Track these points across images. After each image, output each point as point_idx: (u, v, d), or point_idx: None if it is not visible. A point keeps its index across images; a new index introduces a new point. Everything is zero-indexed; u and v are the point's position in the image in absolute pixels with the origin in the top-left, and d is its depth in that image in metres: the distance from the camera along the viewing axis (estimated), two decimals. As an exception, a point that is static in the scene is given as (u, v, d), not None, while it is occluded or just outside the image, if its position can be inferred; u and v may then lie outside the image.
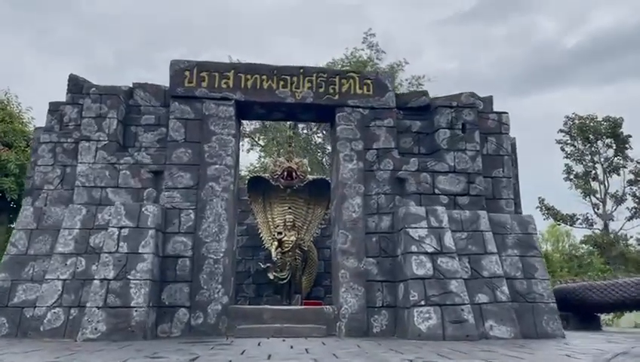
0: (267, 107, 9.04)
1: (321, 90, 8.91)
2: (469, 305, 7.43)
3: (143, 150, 8.70)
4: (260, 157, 25.22)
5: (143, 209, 7.82)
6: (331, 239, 9.20)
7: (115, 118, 8.55)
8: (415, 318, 7.26)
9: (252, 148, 25.25)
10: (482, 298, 7.79)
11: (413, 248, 7.81)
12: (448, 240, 7.94)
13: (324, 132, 24.15)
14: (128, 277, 7.32)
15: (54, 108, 9.16)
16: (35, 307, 7.40)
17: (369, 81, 9.03)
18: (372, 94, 8.98)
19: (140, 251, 7.52)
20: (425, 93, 9.38)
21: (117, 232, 7.64)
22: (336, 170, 8.91)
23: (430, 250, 7.81)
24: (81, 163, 8.35)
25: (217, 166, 8.46)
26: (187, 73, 8.74)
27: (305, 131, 24.83)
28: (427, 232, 7.96)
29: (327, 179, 13.26)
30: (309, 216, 13.52)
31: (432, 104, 9.27)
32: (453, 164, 8.80)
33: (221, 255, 8.11)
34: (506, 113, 9.45)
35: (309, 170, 15.56)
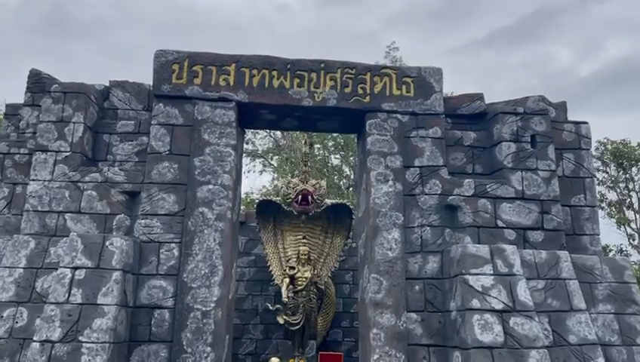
0: (277, 111, 7.02)
1: (348, 90, 6.88)
2: (557, 389, 5.23)
3: (116, 164, 6.72)
4: (274, 179, 23.30)
5: (107, 243, 5.78)
6: (359, 285, 7.06)
7: (82, 123, 6.60)
8: (482, 407, 5.06)
9: (265, 170, 23.36)
10: (572, 375, 5.57)
11: (475, 303, 5.64)
12: (523, 292, 5.76)
13: (342, 153, 22.15)
14: (80, 338, 5.25)
15: (12, 112, 7.28)
16: (-48, 377, 5.37)
17: (409, 80, 6.98)
18: (413, 96, 6.93)
19: (98, 301, 5.46)
20: (480, 97, 7.30)
21: (69, 275, 5.60)
22: (365, 193, 6.82)
23: (499, 306, 5.63)
24: (33, 180, 6.39)
25: (211, 186, 6.43)
26: (176, 67, 6.79)
27: (321, 152, 22.88)
28: (493, 281, 5.79)
29: (347, 204, 11.23)
30: (326, 247, 11.41)
31: (490, 110, 7.19)
32: (520, 188, 6.67)
33: (212, 306, 6.01)
34: (586, 123, 7.33)
35: (327, 193, 13.50)
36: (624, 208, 26.98)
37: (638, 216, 26.79)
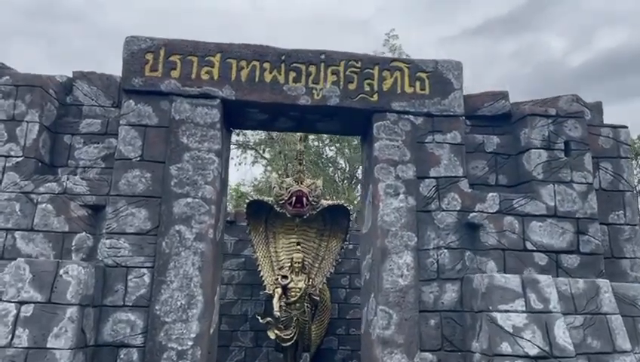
0: (270, 110, 5.99)
1: (352, 86, 5.86)
2: None
3: (79, 171, 5.70)
4: (266, 170, 22.24)
5: (62, 271, 4.76)
6: (363, 315, 6.07)
7: (38, 122, 5.55)
8: None
9: (257, 161, 22.28)
10: None
11: (505, 347, 4.70)
12: (562, 333, 4.82)
13: (338, 145, 21.12)
14: (24, 392, 4.27)
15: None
16: None
17: (424, 75, 5.97)
18: (429, 94, 5.93)
19: (49, 345, 4.46)
20: (504, 95, 6.30)
21: (13, 311, 4.58)
22: (372, 208, 5.83)
23: (533, 351, 4.69)
24: (-24, 191, 5.35)
25: (190, 199, 5.41)
26: (149, 57, 5.72)
27: (316, 143, 21.82)
28: (527, 319, 4.85)
29: (345, 204, 10.32)
30: (321, 251, 10.50)
31: (516, 111, 6.21)
32: (553, 204, 5.71)
33: (189, 344, 5.03)
34: (626, 128, 6.37)
35: (323, 192, 12.53)
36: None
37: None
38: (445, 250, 5.55)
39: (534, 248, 5.59)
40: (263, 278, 10.17)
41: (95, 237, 5.38)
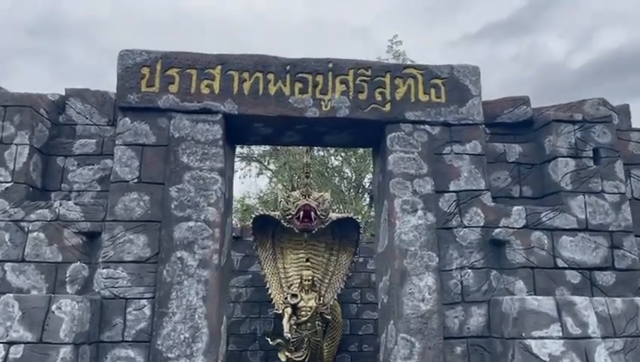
0: (275, 124, 5.59)
1: (363, 96, 5.47)
2: None
3: (73, 195, 5.32)
4: (271, 182, 21.84)
5: (54, 307, 4.36)
6: (381, 343, 5.62)
7: (28, 144, 5.18)
8: None
9: (262, 173, 21.89)
10: None
11: (542, 379, 4.26)
12: (603, 361, 4.38)
13: (343, 154, 20.71)
14: None
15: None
16: None
17: (439, 81, 5.57)
18: (445, 102, 5.53)
19: (40, 390, 4.07)
20: (525, 100, 5.90)
21: (2, 353, 4.19)
22: (388, 226, 5.41)
23: (574, 382, 4.25)
24: (-37, 220, 4.97)
25: (192, 223, 5.02)
26: (146, 71, 5.35)
27: (321, 153, 21.43)
28: (564, 347, 4.40)
29: (354, 217, 9.93)
30: (331, 266, 10.07)
31: (539, 118, 5.80)
32: (584, 217, 5.28)
33: (195, 382, 4.62)
34: (657, 131, 5.95)
35: (332, 205, 12.11)
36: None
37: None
38: (469, 270, 5.12)
39: (566, 265, 5.16)
40: (272, 296, 9.80)
41: (91, 267, 4.99)
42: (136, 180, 5.11)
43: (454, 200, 5.29)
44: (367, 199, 21.06)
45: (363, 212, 17.91)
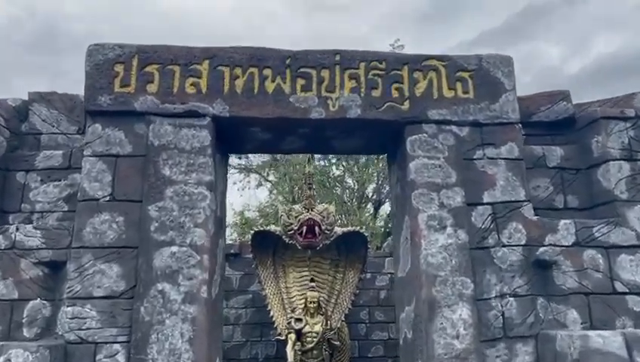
0: (274, 128, 4.74)
1: (377, 92, 4.63)
2: None
3: (35, 218, 4.46)
4: (271, 194, 21.02)
5: (2, 359, 3.49)
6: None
7: (-20, 157, 4.34)
8: None
9: (261, 184, 21.07)
10: None
11: None
12: (691, 414, 3.51)
13: (345, 163, 19.88)
14: None
15: None
16: None
17: (466, 74, 4.73)
18: (474, 98, 4.69)
19: None
20: (565, 95, 5.06)
21: None
22: (410, 246, 4.53)
23: None
24: None
25: (175, 248, 4.15)
26: (119, 68, 4.51)
27: (321, 162, 20.61)
28: (641, 397, 3.53)
29: (361, 231, 9.12)
30: (337, 284, 9.22)
31: (582, 115, 4.96)
32: (644, 230, 4.42)
33: None
34: None
35: (336, 218, 11.27)
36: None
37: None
38: (511, 299, 4.24)
39: (627, 290, 4.29)
40: (274, 319, 8.97)
41: (53, 305, 4.12)
42: (108, 198, 4.24)
43: (489, 214, 4.42)
44: (372, 209, 20.27)
45: (368, 223, 17.10)
